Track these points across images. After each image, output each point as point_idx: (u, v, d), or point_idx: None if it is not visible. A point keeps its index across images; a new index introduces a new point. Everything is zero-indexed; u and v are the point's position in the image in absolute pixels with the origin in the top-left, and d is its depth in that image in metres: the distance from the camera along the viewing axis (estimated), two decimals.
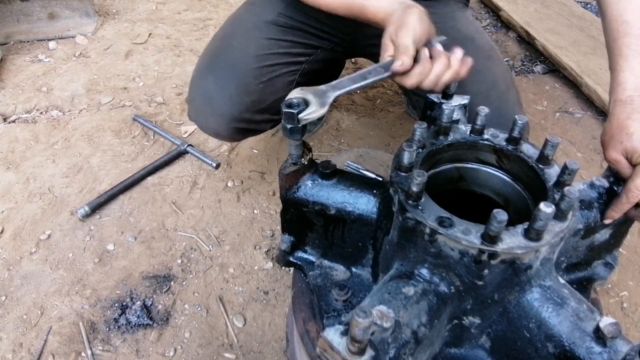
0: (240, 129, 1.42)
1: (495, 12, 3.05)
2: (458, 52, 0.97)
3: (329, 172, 0.91)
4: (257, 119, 1.41)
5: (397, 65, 0.92)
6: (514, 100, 1.32)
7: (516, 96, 1.35)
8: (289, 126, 0.85)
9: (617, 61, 0.98)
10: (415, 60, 0.94)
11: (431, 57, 0.95)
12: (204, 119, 1.42)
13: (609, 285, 1.53)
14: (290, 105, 0.86)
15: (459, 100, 0.97)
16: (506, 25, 2.93)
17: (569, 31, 2.68)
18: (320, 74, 1.58)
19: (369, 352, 0.59)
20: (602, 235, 0.94)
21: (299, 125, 0.84)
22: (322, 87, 0.88)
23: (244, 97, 1.35)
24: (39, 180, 1.81)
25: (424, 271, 0.75)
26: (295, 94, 0.86)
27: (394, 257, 0.80)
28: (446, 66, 0.95)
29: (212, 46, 1.45)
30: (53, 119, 2.09)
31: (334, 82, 0.89)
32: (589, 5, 3.19)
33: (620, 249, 1.03)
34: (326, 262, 0.99)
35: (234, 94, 1.35)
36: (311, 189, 0.91)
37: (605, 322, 0.66)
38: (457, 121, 0.94)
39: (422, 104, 1.43)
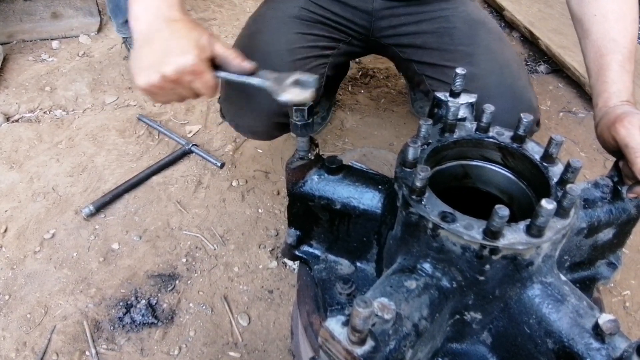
0: (279, 124, 1.41)
1: (498, 12, 3.05)
2: None
3: (335, 167, 0.92)
4: None
5: None
6: (525, 80, 1.35)
7: (527, 77, 1.37)
8: (298, 122, 0.86)
9: (605, 74, 0.99)
10: None
11: None
12: (241, 116, 1.41)
13: (612, 285, 1.53)
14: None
15: (466, 98, 0.98)
16: (510, 25, 2.93)
17: (573, 31, 2.66)
18: (340, 69, 1.60)
19: (370, 343, 0.59)
20: (606, 235, 0.94)
21: (308, 121, 0.85)
22: None
23: None
24: (43, 179, 1.81)
25: (427, 266, 0.75)
26: None
27: (398, 251, 0.80)
28: None
29: (242, 44, 1.41)
30: (57, 118, 2.10)
31: None
32: None
33: (624, 249, 1.03)
34: (331, 257, 1.01)
35: None
36: (317, 183, 0.92)
37: (604, 318, 0.66)
38: (464, 119, 0.95)
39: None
